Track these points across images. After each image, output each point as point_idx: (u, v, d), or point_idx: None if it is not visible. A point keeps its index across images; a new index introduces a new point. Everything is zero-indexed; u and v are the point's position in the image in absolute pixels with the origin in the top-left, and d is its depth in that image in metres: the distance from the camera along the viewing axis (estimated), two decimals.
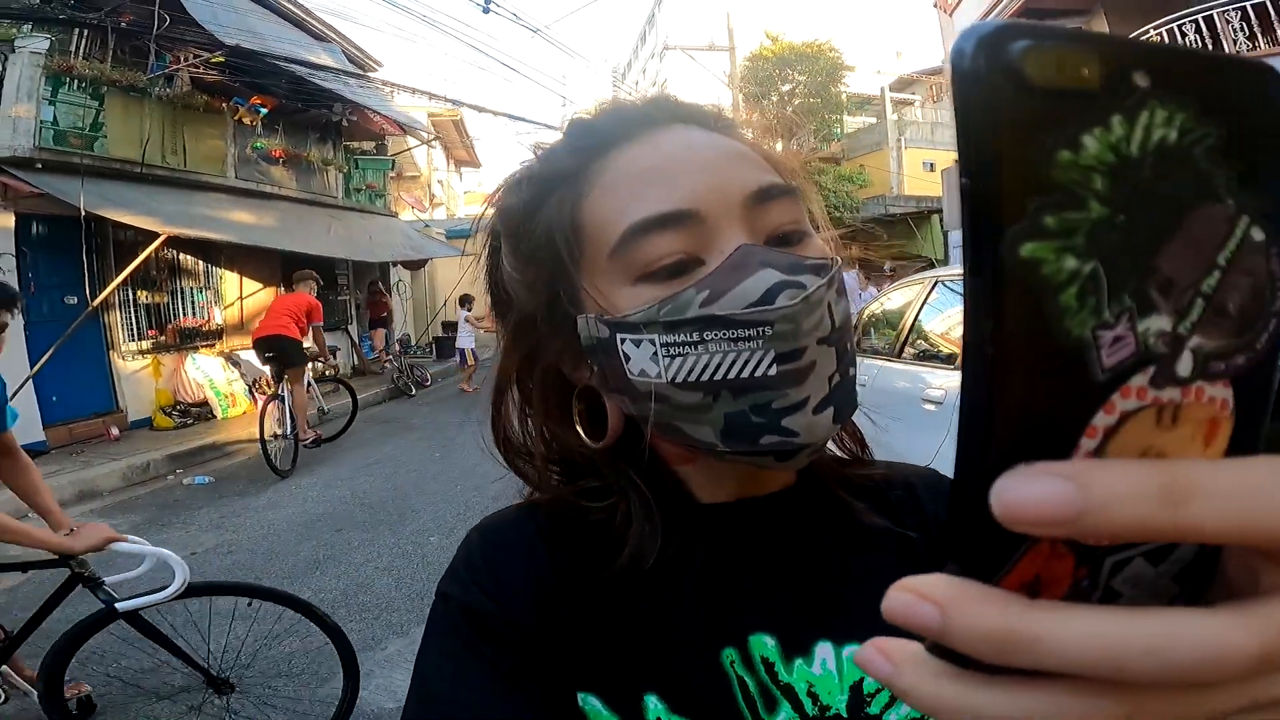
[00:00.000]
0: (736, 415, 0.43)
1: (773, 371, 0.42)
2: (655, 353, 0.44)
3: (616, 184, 0.46)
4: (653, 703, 0.47)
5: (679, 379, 0.43)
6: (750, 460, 0.46)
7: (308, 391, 6.52)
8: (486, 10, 10.38)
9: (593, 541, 0.50)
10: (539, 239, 0.49)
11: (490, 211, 0.54)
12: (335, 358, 8.10)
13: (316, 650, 2.53)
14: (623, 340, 0.45)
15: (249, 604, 2.32)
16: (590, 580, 0.50)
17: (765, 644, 0.49)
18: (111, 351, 7.86)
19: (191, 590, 2.07)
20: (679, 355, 0.43)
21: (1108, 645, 0.16)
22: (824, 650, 0.49)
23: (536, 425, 0.55)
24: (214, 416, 8.30)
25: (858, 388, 0.47)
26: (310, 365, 6.99)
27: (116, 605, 2.00)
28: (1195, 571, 0.18)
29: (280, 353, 6.47)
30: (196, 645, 2.22)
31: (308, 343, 6.78)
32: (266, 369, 6.92)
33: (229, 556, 2.94)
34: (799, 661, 0.49)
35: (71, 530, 2.01)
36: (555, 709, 0.47)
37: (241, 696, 2.31)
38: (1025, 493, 0.16)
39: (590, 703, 0.47)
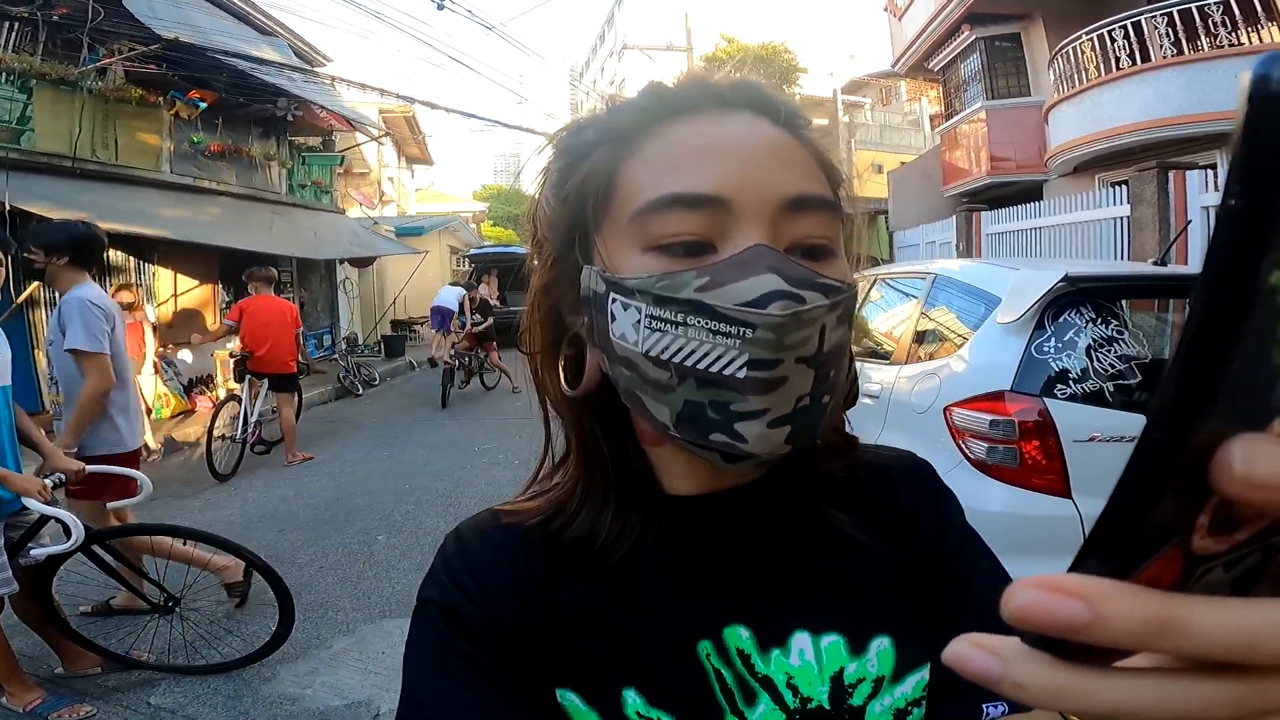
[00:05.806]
0: (695, 405, 0.44)
1: (741, 374, 0.42)
2: (639, 321, 0.44)
3: (661, 153, 0.46)
4: (631, 697, 0.47)
5: (653, 352, 0.44)
6: (698, 453, 0.46)
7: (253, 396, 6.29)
8: (441, 7, 10.22)
9: (565, 539, 0.51)
10: (576, 184, 0.49)
11: (549, 147, 0.53)
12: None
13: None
14: (614, 300, 0.46)
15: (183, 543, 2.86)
16: (566, 578, 0.51)
17: (740, 636, 0.49)
18: (37, 350, 7.50)
19: (98, 535, 2.59)
20: (659, 330, 0.43)
21: (1253, 628, 0.17)
22: (801, 640, 0.49)
23: (528, 360, 0.55)
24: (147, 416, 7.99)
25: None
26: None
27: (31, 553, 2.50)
28: (1250, 577, 0.19)
29: (278, 379, 6.28)
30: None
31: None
32: (235, 382, 6.55)
33: (162, 561, 2.84)
34: (776, 653, 0.49)
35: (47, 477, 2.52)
36: (538, 707, 0.47)
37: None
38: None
39: (569, 699, 0.48)
